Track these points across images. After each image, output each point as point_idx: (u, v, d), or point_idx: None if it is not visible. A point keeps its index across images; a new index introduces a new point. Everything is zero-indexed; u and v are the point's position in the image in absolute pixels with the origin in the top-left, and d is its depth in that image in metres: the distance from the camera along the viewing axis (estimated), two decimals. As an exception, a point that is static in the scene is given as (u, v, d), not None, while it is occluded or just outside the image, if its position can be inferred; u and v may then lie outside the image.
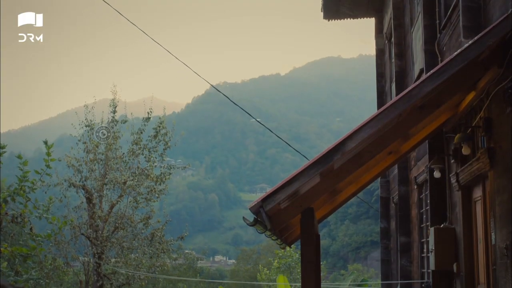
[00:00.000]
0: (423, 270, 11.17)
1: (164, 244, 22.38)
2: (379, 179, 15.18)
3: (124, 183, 21.37)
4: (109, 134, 20.72)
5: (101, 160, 21.70)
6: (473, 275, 8.18)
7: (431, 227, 9.31)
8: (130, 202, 21.84)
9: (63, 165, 21.79)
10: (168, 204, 28.03)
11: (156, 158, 22.44)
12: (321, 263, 9.69)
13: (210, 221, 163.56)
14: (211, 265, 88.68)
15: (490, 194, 7.19)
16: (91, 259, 21.29)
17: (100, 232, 21.08)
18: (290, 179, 5.08)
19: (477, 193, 8.08)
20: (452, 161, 8.82)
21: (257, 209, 4.88)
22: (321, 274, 9.80)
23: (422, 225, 11.26)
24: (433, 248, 8.91)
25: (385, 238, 15.36)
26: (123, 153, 21.95)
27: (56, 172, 20.97)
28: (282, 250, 34.94)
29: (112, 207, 21.53)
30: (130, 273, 21.46)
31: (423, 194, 11.15)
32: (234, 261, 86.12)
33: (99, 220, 21.02)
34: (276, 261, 37.15)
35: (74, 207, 21.55)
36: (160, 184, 22.28)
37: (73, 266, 23.90)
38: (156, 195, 22.12)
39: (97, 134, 20.97)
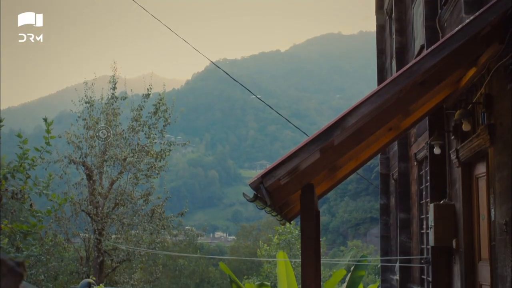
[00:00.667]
0: (422, 246, 11.20)
1: (164, 220, 22.47)
2: (379, 155, 15.18)
3: (124, 159, 21.40)
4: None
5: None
6: (473, 251, 8.21)
7: (430, 203, 9.32)
8: (130, 178, 21.89)
9: (63, 142, 21.81)
10: (168, 181, 28.05)
11: (156, 134, 22.46)
12: (320, 239, 9.71)
13: (210, 198, 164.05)
14: (211, 241, 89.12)
15: (490, 170, 7.19)
16: (92, 236, 21.38)
17: (100, 208, 21.14)
18: (290, 155, 5.07)
19: (477, 169, 8.08)
20: (452, 137, 8.80)
21: (257, 185, 4.87)
22: (321, 250, 9.84)
23: (421, 202, 11.28)
24: (433, 224, 8.93)
25: (384, 214, 15.39)
26: (123, 130, 21.96)
27: (56, 149, 20.99)
28: (282, 226, 35.06)
29: (112, 183, 21.58)
30: (130, 249, 21.57)
31: (423, 171, 11.16)
32: (234, 237, 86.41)
33: (99, 197, 21.08)
34: (276, 237, 37.25)
35: (74, 184, 21.60)
36: (160, 160, 22.32)
37: (74, 243, 24.00)
38: (156, 171, 22.17)
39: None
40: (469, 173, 8.42)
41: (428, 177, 9.99)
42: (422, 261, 10.64)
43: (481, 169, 7.91)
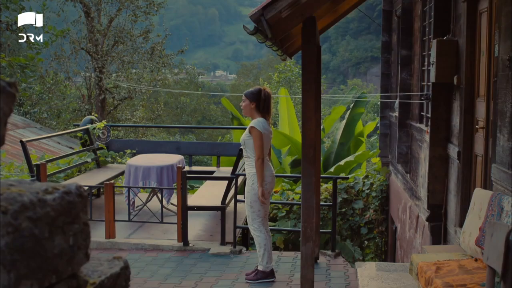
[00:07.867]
0: (423, 83, 11.19)
1: (164, 58, 22.47)
2: (382, -9, 14.84)
3: (122, -4, 21.04)
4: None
5: (96, -28, 21.21)
6: (473, 87, 8.20)
7: (433, 39, 9.20)
8: (129, 15, 21.65)
9: (58, -21, 21.31)
10: (168, 19, 27.70)
11: (153, -31, 21.95)
12: (321, 77, 9.68)
13: (210, 36, 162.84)
14: (212, 79, 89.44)
15: (497, 5, 7.02)
16: (92, 74, 21.46)
17: (100, 46, 21.03)
18: (291, -14, 4.91)
19: (483, 4, 7.89)
20: (460, -30, 8.54)
21: (257, 18, 4.75)
22: (321, 88, 9.84)
23: (424, 38, 11.13)
24: (435, 60, 8.85)
25: (386, 51, 15.26)
26: (119, -35, 21.42)
27: (52, -15, 20.56)
28: (282, 64, 35.10)
29: (111, 21, 21.36)
30: (131, 87, 21.72)
31: (427, 6, 10.92)
32: (234, 75, 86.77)
33: (98, 34, 20.90)
34: (276, 75, 37.41)
35: (73, 22, 21.39)
36: (158, -3, 21.97)
37: (75, 81, 24.15)
38: (155, 8, 21.86)
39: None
40: (474, 8, 8.23)
41: (432, 13, 9.79)
42: (422, 98, 10.66)
43: (485, 4, 7.72)
